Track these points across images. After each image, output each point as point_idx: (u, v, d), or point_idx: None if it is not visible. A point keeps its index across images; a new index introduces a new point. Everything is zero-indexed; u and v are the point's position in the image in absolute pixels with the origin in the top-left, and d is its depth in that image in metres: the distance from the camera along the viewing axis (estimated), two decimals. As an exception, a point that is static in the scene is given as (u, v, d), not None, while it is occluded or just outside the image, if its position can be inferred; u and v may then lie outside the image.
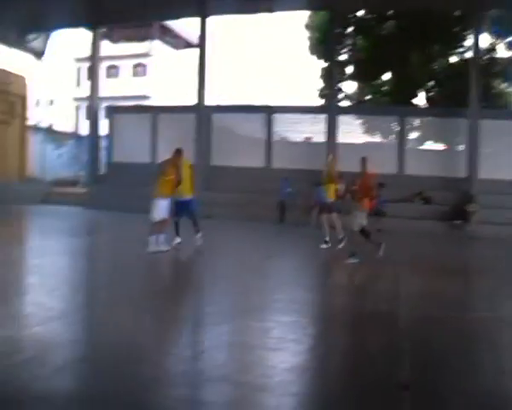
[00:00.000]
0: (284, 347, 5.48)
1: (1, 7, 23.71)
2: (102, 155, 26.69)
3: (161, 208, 10.99)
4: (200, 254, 11.60)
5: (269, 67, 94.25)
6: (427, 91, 27.93)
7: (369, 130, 24.32)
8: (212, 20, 23.51)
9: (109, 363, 4.86)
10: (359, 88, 29.36)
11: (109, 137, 26.35)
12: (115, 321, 6.26)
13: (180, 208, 11.93)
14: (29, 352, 4.92)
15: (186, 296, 8.18)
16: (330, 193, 13.89)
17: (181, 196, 11.83)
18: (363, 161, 12.32)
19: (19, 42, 27.06)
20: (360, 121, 23.61)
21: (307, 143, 23.12)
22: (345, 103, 28.50)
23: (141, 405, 4.03)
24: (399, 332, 6.24)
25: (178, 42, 55.97)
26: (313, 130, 22.83)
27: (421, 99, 28.32)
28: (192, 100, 23.66)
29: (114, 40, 50.43)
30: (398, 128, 22.46)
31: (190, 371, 4.83)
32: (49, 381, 4.30)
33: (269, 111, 23.70)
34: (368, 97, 29.27)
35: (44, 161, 29.72)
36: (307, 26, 28.89)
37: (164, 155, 23.24)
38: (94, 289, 8.39)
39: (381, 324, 6.64)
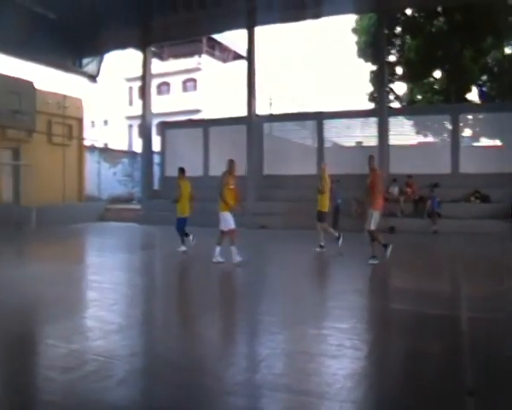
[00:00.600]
0: (343, 354, 5.41)
1: (56, 36, 24.61)
2: (156, 170, 27.13)
3: (228, 219, 11.29)
4: (250, 265, 11.57)
5: (317, 73, 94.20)
6: (481, 86, 27.19)
7: (421, 130, 23.83)
8: (259, 30, 23.57)
9: (170, 374, 4.91)
10: (409, 88, 28.89)
11: (162, 152, 26.77)
12: (174, 333, 6.34)
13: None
14: (92, 365, 5.03)
15: (243, 306, 8.18)
16: (324, 204, 13.69)
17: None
18: (371, 159, 12.17)
19: (74, 67, 27.90)
20: (412, 122, 23.16)
21: (359, 147, 22.85)
22: (395, 105, 28.09)
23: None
24: (461, 335, 6.07)
25: (227, 54, 56.58)
26: (364, 134, 22.57)
27: (474, 95, 27.62)
28: (243, 111, 23.78)
29: (164, 58, 51.45)
30: (451, 126, 21.92)
31: (250, 380, 4.81)
32: (112, 393, 4.39)
33: (319, 117, 23.55)
34: (419, 97, 28.76)
35: (100, 179, 30.45)
36: (354, 30, 28.70)
37: (216, 167, 23.75)
38: (152, 302, 8.51)
39: (442, 327, 6.47)
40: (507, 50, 26.47)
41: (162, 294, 9.27)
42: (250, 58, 23.42)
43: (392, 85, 28.09)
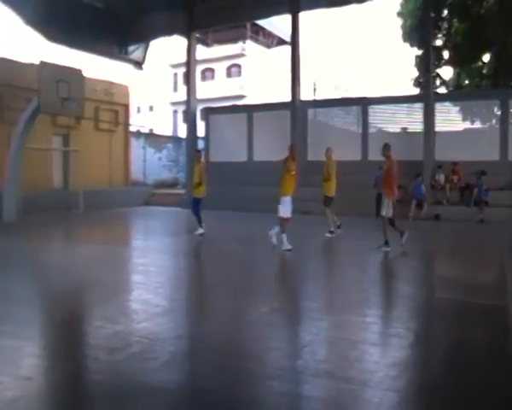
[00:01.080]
0: (386, 342, 5.39)
1: (103, 24, 25.05)
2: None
3: (288, 205, 11.27)
4: (296, 251, 11.55)
5: (362, 58, 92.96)
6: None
7: (468, 116, 23.26)
8: (303, 15, 23.39)
9: (214, 357, 4.98)
10: (456, 73, 28.17)
11: (206, 137, 26.94)
12: (219, 316, 6.43)
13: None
14: (138, 346, 5.15)
15: (286, 291, 8.22)
16: (329, 188, 14.04)
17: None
18: (385, 147, 12.03)
19: (120, 54, 28.31)
20: (458, 108, 22.62)
21: (404, 133, 22.48)
22: (441, 90, 27.49)
23: (245, 398, 4.11)
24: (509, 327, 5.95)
25: (271, 40, 56.35)
26: (410, 119, 22.18)
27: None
28: (287, 96, 23.69)
29: (208, 44, 51.60)
30: (499, 112, 21.33)
31: (293, 365, 4.85)
32: (157, 374, 4.49)
33: (364, 103, 23.27)
34: (466, 82, 28.04)
35: (146, 164, 30.89)
36: (399, 14, 28.17)
37: (260, 152, 23.79)
38: (196, 285, 8.64)
39: (489, 318, 6.36)
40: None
41: (206, 277, 9.41)
42: (294, 43, 23.31)
43: (438, 70, 27.48)
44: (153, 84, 53.80)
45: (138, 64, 29.82)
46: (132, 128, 30.66)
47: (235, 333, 5.80)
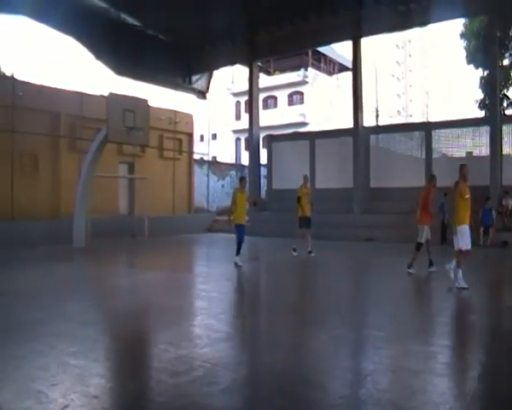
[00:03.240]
0: (451, 373, 5.24)
1: (167, 55, 25.89)
2: (263, 182, 27.56)
3: (467, 236, 10.02)
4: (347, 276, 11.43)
5: (424, 81, 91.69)
6: None
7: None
8: (365, 41, 23.39)
9: (274, 384, 4.96)
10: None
11: (268, 165, 27.14)
12: (280, 343, 6.42)
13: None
14: (199, 371, 5.20)
15: (347, 319, 8.13)
16: (306, 210, 15.68)
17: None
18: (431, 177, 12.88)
19: (184, 84, 29.05)
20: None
21: (469, 157, 21.93)
22: (509, 112, 26.72)
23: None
24: None
25: (332, 66, 56.57)
26: (475, 143, 21.63)
27: None
28: (349, 123, 23.64)
29: (270, 72, 52.26)
30: None
31: (355, 394, 4.78)
32: (217, 399, 4.53)
33: (427, 128, 22.95)
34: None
35: (209, 191, 31.36)
36: (462, 35, 27.70)
37: (323, 179, 23.72)
38: (258, 312, 8.67)
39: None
40: None
41: (267, 304, 9.42)
42: (356, 69, 23.31)
43: (505, 91, 26.77)
44: (216, 113, 54.80)
45: (202, 93, 30.49)
46: (196, 156, 31.27)
47: (296, 360, 5.76)
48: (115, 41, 23.45)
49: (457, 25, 27.81)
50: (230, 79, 54.00)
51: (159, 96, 29.67)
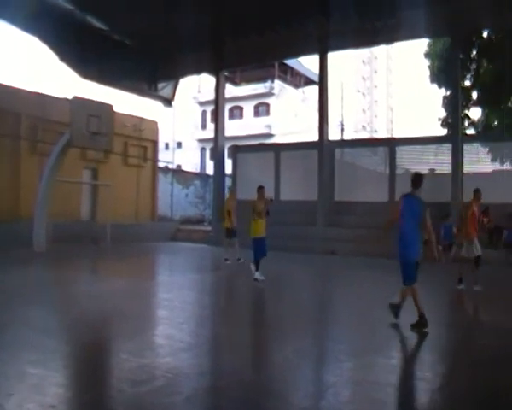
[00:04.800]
0: (413, 385, 5.26)
1: (133, 61, 25.65)
2: (227, 193, 27.51)
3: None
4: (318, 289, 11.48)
5: (389, 98, 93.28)
6: None
7: (497, 157, 22.98)
8: (331, 56, 23.65)
9: (236, 395, 4.91)
10: (485, 114, 27.98)
11: (233, 175, 27.10)
12: (243, 353, 6.37)
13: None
14: (161, 380, 5.12)
15: (310, 331, 8.12)
16: (233, 221, 16.57)
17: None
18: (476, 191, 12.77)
19: (150, 91, 28.85)
20: (487, 149, 22.41)
21: (431, 174, 22.31)
22: (470, 131, 27.32)
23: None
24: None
25: (298, 79, 57.05)
26: (437, 160, 22.03)
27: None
28: (314, 136, 23.79)
29: (236, 82, 52.40)
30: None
31: (317, 406, 4.76)
32: (180, 409, 4.45)
33: (391, 144, 23.27)
34: (495, 123, 27.81)
35: (173, 200, 31.15)
36: (426, 55, 28.24)
37: (287, 191, 23.78)
38: (220, 322, 8.59)
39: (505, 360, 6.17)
40: None
41: (230, 314, 9.35)
42: (322, 83, 23.50)
43: (466, 111, 27.35)
44: (181, 122, 54.66)
45: (167, 101, 30.35)
46: (160, 164, 31.08)
47: (257, 371, 5.73)
48: (80, 44, 23.13)
49: (422, 44, 28.32)
50: (197, 87, 53.96)
51: (124, 103, 29.43)
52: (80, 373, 5.58)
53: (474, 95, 27.53)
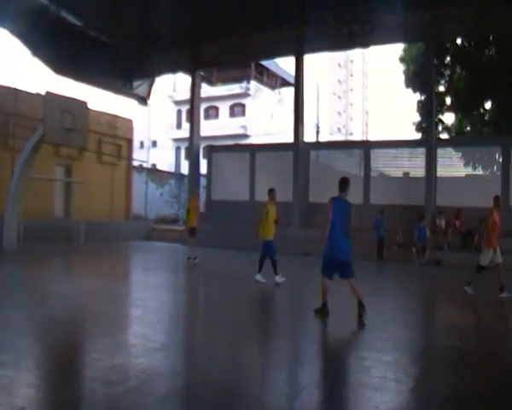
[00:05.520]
0: (385, 386, 5.29)
1: (109, 58, 25.40)
2: (202, 193, 27.42)
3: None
4: (288, 289, 11.52)
5: (365, 102, 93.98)
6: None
7: (469, 162, 23.33)
8: (308, 58, 23.75)
9: (210, 395, 4.88)
10: (458, 119, 28.40)
11: (208, 175, 27.03)
12: (216, 353, 6.34)
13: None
14: (134, 380, 5.07)
15: (283, 331, 8.14)
16: (195, 221, 16.84)
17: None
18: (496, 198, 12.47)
19: (125, 89, 28.60)
20: (460, 154, 22.73)
21: (406, 177, 22.56)
22: (443, 136, 27.69)
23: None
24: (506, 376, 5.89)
25: (275, 81, 57.12)
26: (411, 164, 22.28)
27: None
28: (290, 137, 23.86)
29: (212, 82, 52.26)
30: (501, 159, 21.44)
31: (291, 407, 4.76)
32: (153, 409, 4.41)
33: (366, 146, 23.45)
34: (468, 128, 28.25)
35: (147, 199, 30.94)
36: (402, 59, 28.55)
37: (262, 192, 23.78)
38: (194, 322, 8.55)
39: (488, 367, 6.24)
40: None
41: (204, 314, 9.32)
42: (298, 85, 23.58)
43: (440, 116, 27.72)
44: (157, 121, 54.34)
45: (143, 99, 30.13)
46: (135, 163, 30.84)
47: (232, 371, 5.70)
48: (54, 39, 22.78)
49: (398, 49, 28.59)
50: (172, 86, 53.70)
51: (99, 100, 29.15)
52: (52, 374, 5.48)
53: (448, 100, 27.95)
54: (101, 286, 11.27)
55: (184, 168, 38.40)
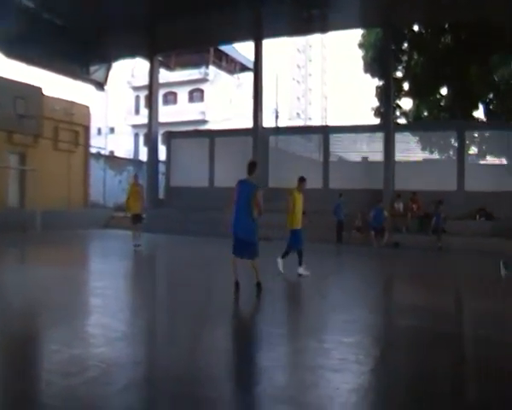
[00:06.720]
0: (346, 367, 5.35)
1: (64, 42, 24.75)
2: (161, 179, 27.19)
3: None
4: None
5: (324, 87, 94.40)
6: (487, 104, 27.10)
7: (426, 146, 23.76)
8: (266, 43, 23.67)
9: (172, 384, 4.85)
10: (416, 104, 28.82)
11: (167, 162, 26.80)
12: (178, 341, 6.30)
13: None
14: (94, 371, 4.98)
15: (241, 316, 8.16)
16: (137, 207, 16.63)
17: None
18: None
19: (81, 74, 28.02)
20: (417, 138, 23.12)
21: (364, 162, 22.83)
22: (401, 121, 28.08)
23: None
24: (466, 354, 6.09)
25: (233, 66, 56.82)
26: (370, 148, 22.55)
27: (480, 112, 27.54)
28: (249, 123, 23.80)
29: (171, 67, 51.64)
30: (456, 143, 21.91)
31: (252, 391, 4.77)
32: (112, 400, 4.35)
33: (325, 131, 23.61)
34: (425, 113, 28.71)
35: (105, 187, 30.50)
36: (360, 45, 28.74)
37: (222, 178, 23.73)
38: (154, 310, 8.48)
39: (447, 346, 6.40)
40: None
41: (165, 301, 9.25)
42: (257, 70, 23.53)
43: (398, 101, 28.06)
44: (115, 107, 53.47)
45: (100, 85, 29.59)
46: (92, 149, 30.32)
47: (193, 359, 5.66)
48: (5, 21, 22.02)
49: (357, 35, 28.74)
50: (130, 72, 52.87)
51: (56, 86, 28.50)
52: (6, 366, 5.34)
53: (406, 86, 28.29)
54: (59, 275, 11.05)
55: (143, 155, 37.94)
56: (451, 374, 5.41)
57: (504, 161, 22.22)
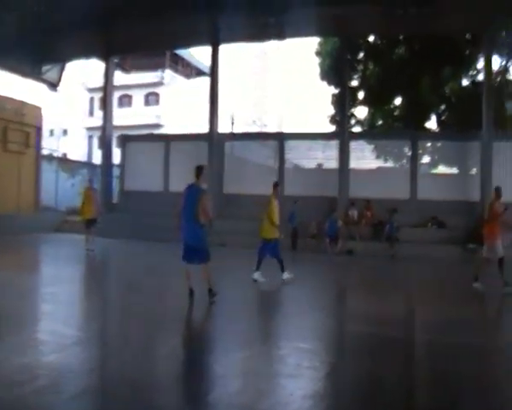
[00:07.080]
0: (301, 373, 5.39)
1: (16, 39, 24.14)
2: (115, 183, 26.84)
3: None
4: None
5: (280, 94, 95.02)
6: (439, 115, 27.82)
7: (381, 155, 24.18)
8: (223, 49, 23.68)
9: (124, 391, 4.80)
10: (371, 113, 29.33)
11: (122, 165, 26.48)
12: (131, 348, 6.23)
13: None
14: (44, 379, 4.89)
15: (196, 322, 8.13)
16: (91, 211, 17.00)
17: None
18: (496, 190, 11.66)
19: (33, 73, 27.41)
20: (372, 146, 23.50)
21: (319, 169, 23.07)
22: (356, 129, 28.51)
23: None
24: (416, 359, 6.23)
25: (190, 70, 56.63)
26: (325, 156, 22.79)
27: (433, 123, 28.23)
28: (205, 128, 23.74)
29: (126, 70, 51.12)
30: (410, 152, 22.39)
31: (206, 398, 4.76)
32: (65, 409, 4.27)
33: (280, 138, 23.74)
34: (379, 122, 29.25)
35: (58, 190, 29.89)
36: (317, 53, 29.05)
37: (176, 183, 23.57)
38: (108, 316, 8.37)
39: (397, 350, 6.53)
40: (464, 82, 27.20)
41: (118, 307, 9.13)
42: (213, 75, 23.49)
43: (353, 109, 28.48)
44: (68, 108, 52.51)
45: (53, 85, 29.02)
46: (44, 151, 29.68)
47: (144, 365, 5.62)
48: None
49: (314, 43, 29.06)
50: (85, 73, 52.05)
51: (5, 85, 27.78)
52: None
53: (361, 95, 28.74)
54: (6, 281, 10.66)
55: (97, 158, 37.36)
56: (401, 378, 5.52)
57: (456, 171, 22.78)
